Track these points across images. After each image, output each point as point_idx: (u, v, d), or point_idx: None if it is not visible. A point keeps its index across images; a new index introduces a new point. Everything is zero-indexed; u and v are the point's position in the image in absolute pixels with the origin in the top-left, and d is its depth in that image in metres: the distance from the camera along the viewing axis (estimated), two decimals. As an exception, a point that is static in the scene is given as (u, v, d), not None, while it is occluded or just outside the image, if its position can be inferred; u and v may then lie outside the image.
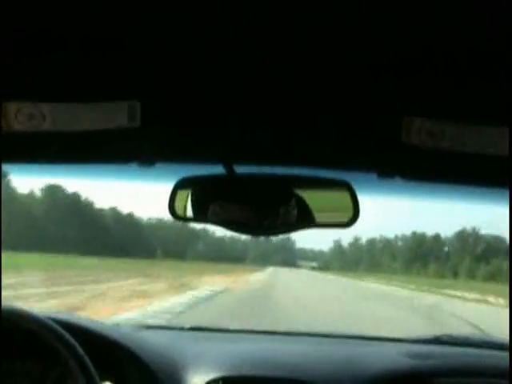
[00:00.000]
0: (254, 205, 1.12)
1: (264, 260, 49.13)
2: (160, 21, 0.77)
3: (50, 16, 0.78)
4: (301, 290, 17.57)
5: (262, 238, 1.24)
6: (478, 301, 16.70)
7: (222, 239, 53.13)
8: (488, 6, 0.69)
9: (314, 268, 50.00)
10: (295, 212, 1.14)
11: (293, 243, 55.71)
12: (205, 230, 48.89)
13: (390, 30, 0.77)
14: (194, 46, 0.84)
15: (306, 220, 1.15)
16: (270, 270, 36.24)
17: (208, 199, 1.17)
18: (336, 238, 58.77)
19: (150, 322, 4.59)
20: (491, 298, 16.73)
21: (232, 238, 53.60)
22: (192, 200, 1.17)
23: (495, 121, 0.86)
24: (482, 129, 0.87)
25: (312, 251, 60.79)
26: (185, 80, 0.92)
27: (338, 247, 59.14)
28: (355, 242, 59.01)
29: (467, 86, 0.88)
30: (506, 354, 1.44)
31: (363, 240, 58.30)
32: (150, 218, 49.27)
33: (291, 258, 54.52)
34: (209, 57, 0.87)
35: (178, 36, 0.81)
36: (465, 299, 17.62)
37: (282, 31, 0.78)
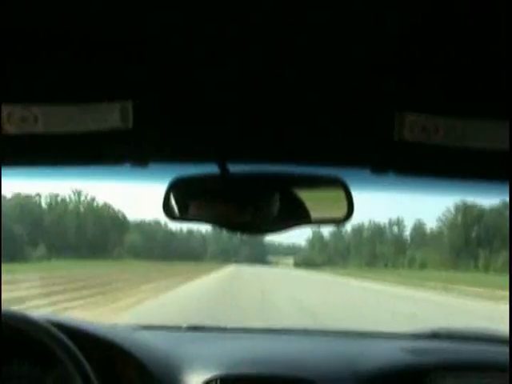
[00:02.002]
0: (249, 204, 1.12)
1: (226, 256, 42.39)
2: (153, 21, 0.77)
3: (41, 18, 0.77)
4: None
5: (224, 233, 1.24)
6: None
7: (173, 230, 43.95)
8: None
9: (297, 265, 42.23)
10: (290, 210, 1.14)
11: (261, 237, 46.79)
12: (157, 222, 40.23)
13: (385, 29, 0.78)
14: (187, 45, 0.84)
15: (301, 217, 1.15)
16: (227, 271, 28.12)
17: (202, 198, 1.17)
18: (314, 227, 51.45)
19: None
20: None
21: (190, 231, 45.33)
22: (187, 200, 1.16)
23: (492, 114, 0.86)
24: (477, 123, 0.87)
25: (281, 245, 51.47)
26: (177, 79, 0.92)
27: (318, 238, 48.12)
28: (337, 231, 47.90)
29: (461, 81, 0.88)
30: (505, 349, 1.44)
31: (348, 228, 47.36)
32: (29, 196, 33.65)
33: (260, 254, 45.70)
34: (202, 56, 0.87)
35: (170, 36, 0.81)
36: None
37: (277, 29, 0.78)
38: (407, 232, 44.38)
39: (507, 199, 0.95)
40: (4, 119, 0.87)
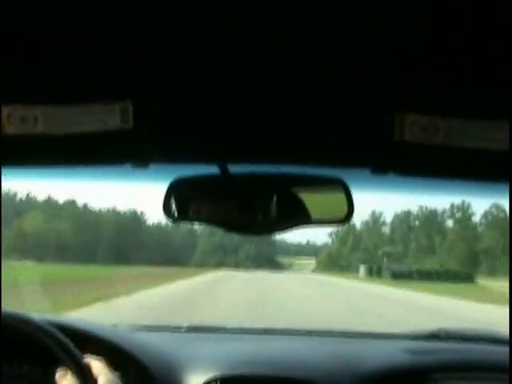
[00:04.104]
0: (249, 204, 1.12)
1: (221, 256, 32.87)
2: (153, 21, 0.77)
3: (41, 19, 0.77)
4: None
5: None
6: None
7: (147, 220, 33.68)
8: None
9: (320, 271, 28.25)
10: (291, 210, 1.14)
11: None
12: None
13: (385, 29, 0.78)
14: (187, 45, 0.84)
15: (302, 218, 1.15)
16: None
17: (203, 199, 1.17)
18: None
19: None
20: None
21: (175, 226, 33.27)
22: (187, 200, 1.16)
23: (492, 115, 0.86)
24: (478, 123, 0.87)
25: (292, 244, 41.77)
26: (177, 79, 0.92)
27: (348, 229, 35.97)
28: (372, 218, 35.39)
29: (461, 81, 0.88)
30: (505, 349, 1.44)
31: (386, 215, 36.94)
32: None
33: (268, 254, 35.02)
34: (202, 56, 0.87)
35: (172, 36, 0.82)
36: None
37: (277, 30, 0.78)
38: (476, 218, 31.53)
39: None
40: (4, 120, 0.88)
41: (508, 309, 1.12)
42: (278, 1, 0.71)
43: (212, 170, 1.07)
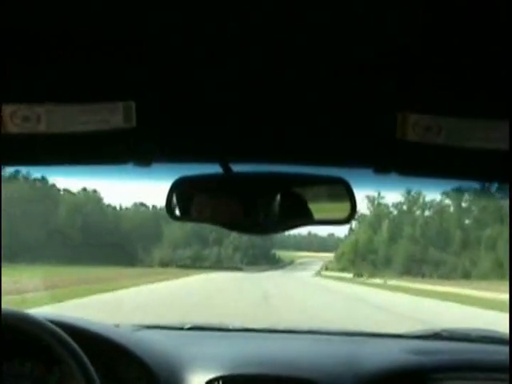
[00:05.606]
0: (252, 203, 1.13)
1: (195, 252, 24.35)
2: (153, 21, 0.78)
3: (44, 18, 0.78)
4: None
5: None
6: None
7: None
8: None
9: None
10: (293, 209, 1.14)
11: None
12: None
13: (385, 29, 0.78)
14: (189, 45, 0.84)
15: (304, 217, 1.15)
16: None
17: (205, 198, 1.18)
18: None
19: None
20: None
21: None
22: (189, 199, 1.17)
23: (494, 115, 0.86)
24: (479, 123, 0.87)
25: (289, 237, 35.40)
26: (179, 79, 0.92)
27: (379, 213, 27.20)
28: (408, 199, 26.07)
29: (462, 81, 0.88)
30: (506, 349, 1.44)
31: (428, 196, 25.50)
32: None
33: (262, 247, 26.71)
34: (204, 56, 0.87)
35: (172, 36, 0.82)
36: None
37: (277, 30, 0.79)
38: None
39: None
40: (7, 119, 0.88)
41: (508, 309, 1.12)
42: (278, 1, 0.71)
43: (214, 169, 1.08)
